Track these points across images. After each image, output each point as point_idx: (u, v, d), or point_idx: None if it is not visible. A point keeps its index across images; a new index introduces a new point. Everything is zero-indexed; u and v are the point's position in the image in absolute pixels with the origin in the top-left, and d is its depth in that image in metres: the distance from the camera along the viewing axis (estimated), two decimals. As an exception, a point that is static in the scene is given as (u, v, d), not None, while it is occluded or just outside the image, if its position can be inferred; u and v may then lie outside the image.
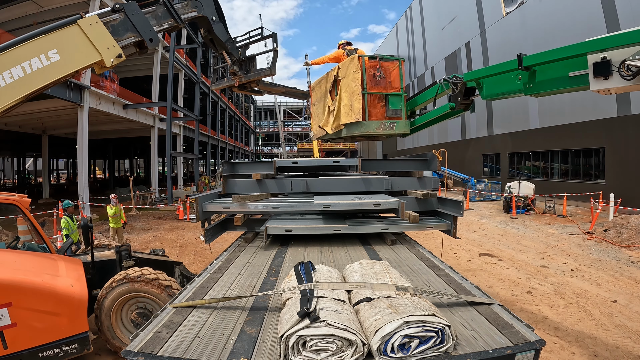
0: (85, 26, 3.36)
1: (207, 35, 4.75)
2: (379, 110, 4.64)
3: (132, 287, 4.16)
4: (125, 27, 3.67)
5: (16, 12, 15.81)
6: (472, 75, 3.87)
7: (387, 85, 4.66)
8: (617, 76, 2.52)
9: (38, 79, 3.19)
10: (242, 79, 5.24)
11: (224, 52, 5.04)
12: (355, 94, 4.50)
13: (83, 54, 3.38)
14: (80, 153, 16.03)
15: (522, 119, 20.89)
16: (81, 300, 3.66)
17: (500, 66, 3.53)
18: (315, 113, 5.59)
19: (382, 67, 4.61)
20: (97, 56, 3.43)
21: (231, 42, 4.91)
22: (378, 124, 4.59)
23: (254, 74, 5.24)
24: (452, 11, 28.61)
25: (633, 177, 14.24)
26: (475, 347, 1.72)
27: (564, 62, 2.94)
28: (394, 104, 4.65)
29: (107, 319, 4.19)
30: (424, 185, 4.47)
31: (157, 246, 10.25)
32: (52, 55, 3.22)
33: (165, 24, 4.01)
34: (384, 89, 4.63)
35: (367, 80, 4.53)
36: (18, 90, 3.11)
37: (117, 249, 4.97)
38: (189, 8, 4.27)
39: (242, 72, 5.22)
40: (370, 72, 4.56)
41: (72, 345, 3.60)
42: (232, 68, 5.19)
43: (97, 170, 54.05)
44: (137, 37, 3.73)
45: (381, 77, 4.60)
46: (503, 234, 11.39)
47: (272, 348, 1.77)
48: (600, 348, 4.46)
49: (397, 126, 4.67)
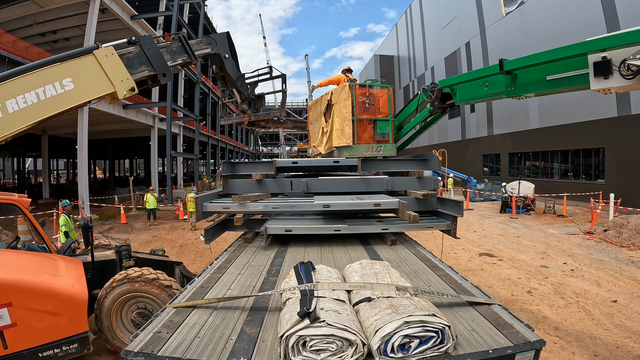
0: (101, 57, 3.39)
1: (219, 72, 4.80)
2: (367, 134, 4.97)
3: (132, 287, 4.16)
4: (140, 61, 3.70)
5: (16, 12, 15.82)
6: (445, 82, 4.27)
7: (375, 111, 4.98)
8: (617, 75, 2.55)
9: (51, 106, 3.19)
10: (252, 118, 5.31)
11: (234, 89, 5.10)
12: (346, 120, 4.83)
13: (97, 84, 3.41)
14: (80, 153, 16.03)
15: (522, 119, 20.89)
16: (81, 300, 3.66)
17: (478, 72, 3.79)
18: (312, 131, 5.98)
19: (372, 94, 4.95)
20: (111, 88, 3.46)
21: (242, 79, 4.97)
22: (366, 147, 4.92)
23: (263, 114, 5.32)
24: (452, 11, 28.61)
25: (633, 177, 14.24)
26: (475, 347, 1.72)
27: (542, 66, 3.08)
28: (381, 129, 4.96)
29: (107, 319, 4.19)
30: (423, 185, 4.47)
31: (157, 246, 10.25)
32: (67, 83, 3.24)
33: (179, 59, 4.04)
34: (372, 115, 4.95)
35: (357, 106, 4.84)
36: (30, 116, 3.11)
37: (117, 249, 4.97)
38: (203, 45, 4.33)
39: (251, 110, 5.28)
40: (360, 99, 4.87)
41: (72, 345, 3.61)
42: (242, 107, 5.24)
43: (97, 170, 54.04)
44: (151, 71, 3.76)
45: (370, 104, 4.92)
46: (503, 234, 11.39)
47: (272, 348, 1.77)
48: (600, 348, 4.46)
49: (384, 149, 5.01)
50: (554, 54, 2.97)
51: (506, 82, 3.38)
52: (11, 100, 3.02)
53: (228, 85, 5.07)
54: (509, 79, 3.35)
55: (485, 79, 3.62)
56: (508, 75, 3.33)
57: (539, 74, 3.12)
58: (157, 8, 22.41)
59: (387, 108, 5.01)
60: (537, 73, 3.15)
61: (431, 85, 4.44)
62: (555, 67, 2.99)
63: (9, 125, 3.03)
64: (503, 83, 3.42)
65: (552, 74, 3.00)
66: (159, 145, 22.85)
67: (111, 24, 18.65)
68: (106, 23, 18.10)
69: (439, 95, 4.37)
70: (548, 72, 3.04)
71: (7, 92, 3.02)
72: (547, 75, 3.03)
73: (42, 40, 19.56)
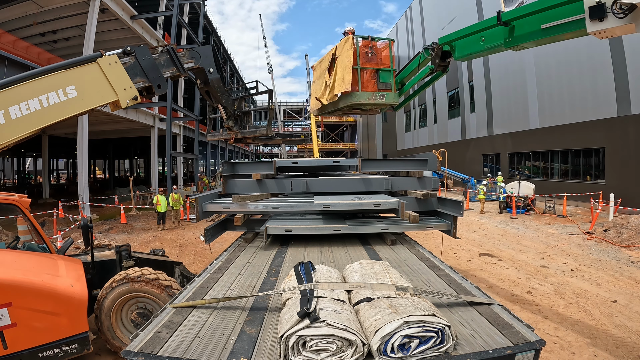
0: (105, 65, 3.39)
1: (203, 87, 4.70)
2: (370, 83, 5.27)
3: (132, 287, 4.16)
4: (135, 72, 3.67)
5: (16, 12, 15.81)
6: (445, 38, 4.52)
7: (378, 62, 5.31)
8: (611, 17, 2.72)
9: (54, 113, 3.18)
10: (238, 135, 5.26)
11: (219, 105, 5.00)
12: (347, 68, 5.08)
13: (100, 92, 3.40)
14: (80, 153, 16.03)
15: (522, 119, 20.89)
16: (81, 300, 3.66)
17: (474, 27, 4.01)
18: (314, 90, 6.11)
19: (374, 47, 5.28)
20: (114, 96, 3.45)
21: (227, 95, 4.91)
22: (370, 95, 5.18)
23: (249, 132, 5.27)
24: (452, 11, 28.61)
25: (633, 177, 14.24)
26: (475, 347, 1.72)
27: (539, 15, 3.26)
28: (384, 78, 5.29)
29: (107, 319, 4.18)
30: (424, 185, 4.47)
31: (157, 246, 10.25)
32: (70, 91, 3.24)
33: (167, 73, 3.98)
34: (375, 65, 5.27)
35: (361, 57, 5.15)
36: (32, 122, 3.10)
37: (117, 249, 4.96)
38: (187, 59, 4.25)
39: (237, 127, 5.22)
40: (363, 50, 5.18)
41: (72, 345, 3.60)
42: (227, 123, 5.15)
43: (97, 170, 54.03)
44: (146, 82, 3.73)
45: (372, 55, 5.25)
46: (503, 234, 11.39)
47: (272, 348, 1.77)
48: (600, 348, 4.46)
49: (387, 97, 5.29)
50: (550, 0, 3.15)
51: (504, 34, 3.56)
52: (14, 107, 3.01)
53: (213, 101, 4.98)
54: (507, 30, 3.54)
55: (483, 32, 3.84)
56: (506, 27, 3.52)
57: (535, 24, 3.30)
58: (157, 8, 22.40)
59: (389, 60, 5.33)
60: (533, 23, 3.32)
61: (432, 44, 4.75)
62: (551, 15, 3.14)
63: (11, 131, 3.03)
64: (501, 35, 3.60)
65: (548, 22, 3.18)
66: (159, 145, 22.83)
67: (111, 24, 18.64)
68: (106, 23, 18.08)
69: (439, 53, 4.64)
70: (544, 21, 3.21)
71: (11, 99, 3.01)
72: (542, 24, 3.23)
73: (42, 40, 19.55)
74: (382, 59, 5.32)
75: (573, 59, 17.01)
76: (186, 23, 24.74)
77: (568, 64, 17.31)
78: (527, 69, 20.30)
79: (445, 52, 4.60)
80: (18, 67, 11.70)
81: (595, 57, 15.77)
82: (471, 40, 4.07)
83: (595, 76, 15.91)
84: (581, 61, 16.57)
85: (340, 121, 64.44)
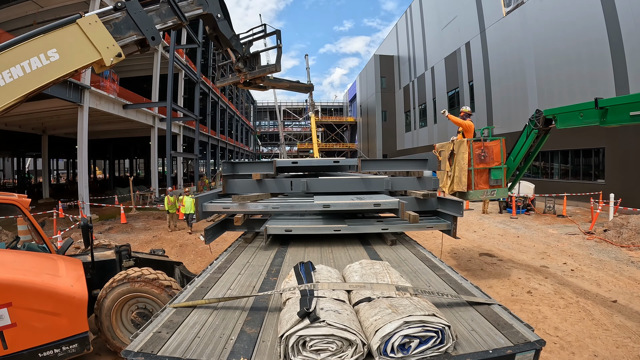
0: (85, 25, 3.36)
1: (212, 33, 4.77)
2: (483, 180, 6.14)
3: (132, 287, 4.15)
4: (128, 26, 3.66)
5: (16, 12, 15.81)
6: (550, 111, 5.60)
7: (489, 161, 6.16)
8: None
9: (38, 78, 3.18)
10: (247, 76, 5.31)
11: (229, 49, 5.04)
12: (463, 170, 6.11)
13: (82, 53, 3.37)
14: (80, 153, 16.02)
15: (522, 119, 20.86)
16: (81, 300, 3.66)
17: (575, 106, 4.97)
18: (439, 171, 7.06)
19: (486, 147, 6.16)
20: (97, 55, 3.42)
21: (236, 39, 4.94)
22: (482, 192, 6.09)
23: (259, 71, 5.30)
24: (452, 11, 28.61)
25: (633, 177, 14.23)
26: (475, 347, 1.72)
27: (626, 106, 4.25)
28: (495, 175, 6.13)
29: (107, 319, 4.18)
30: (424, 185, 4.47)
31: (157, 246, 10.25)
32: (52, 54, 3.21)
33: (169, 22, 3.99)
34: (487, 164, 6.15)
35: (474, 158, 6.09)
36: (18, 89, 3.10)
37: (117, 249, 4.96)
38: (195, 5, 4.27)
39: (246, 69, 5.26)
40: (477, 151, 6.11)
41: (72, 345, 3.60)
42: (237, 65, 5.21)
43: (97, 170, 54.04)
44: (139, 35, 3.73)
45: (484, 156, 6.14)
46: (503, 234, 11.39)
47: (272, 348, 1.77)
48: (600, 348, 4.46)
49: (497, 193, 6.18)
50: (636, 97, 4.20)
51: (600, 115, 4.47)
52: None
53: (222, 46, 5.02)
54: (602, 113, 4.46)
55: (583, 110, 4.79)
56: (601, 110, 4.44)
57: (625, 112, 4.25)
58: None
59: (500, 157, 6.14)
60: (623, 110, 4.28)
61: (536, 114, 5.78)
62: (637, 106, 4.11)
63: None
64: (597, 116, 4.50)
65: (636, 111, 4.16)
66: (159, 145, 22.83)
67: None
68: (106, 23, 18.08)
69: (543, 121, 5.66)
70: (632, 109, 4.17)
71: None
72: (630, 112, 4.19)
73: (42, 40, 19.54)
74: (494, 157, 6.12)
75: (573, 60, 17.01)
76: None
77: (568, 64, 17.30)
78: (527, 69, 20.31)
79: (547, 120, 5.59)
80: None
81: (596, 57, 15.77)
82: (572, 115, 5.00)
83: (595, 76, 15.90)
84: (581, 61, 16.57)
85: (340, 121, 64.83)
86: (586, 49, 16.20)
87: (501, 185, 6.12)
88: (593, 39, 15.78)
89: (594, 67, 15.94)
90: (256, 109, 72.80)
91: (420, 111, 36.34)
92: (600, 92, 15.52)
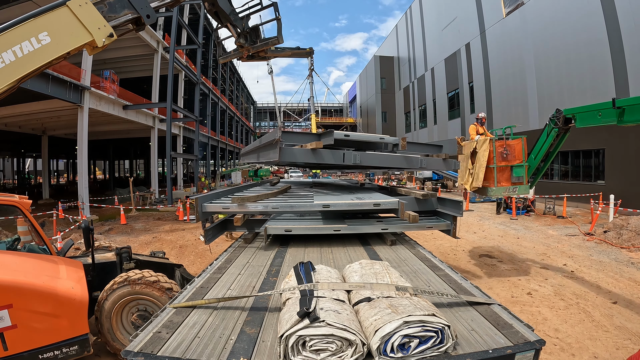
0: (75, 7, 3.32)
1: (212, 9, 4.80)
2: (505, 178, 6.32)
3: (132, 289, 4.15)
4: (122, 5, 3.64)
5: (16, 12, 15.82)
6: (569, 110, 5.69)
7: (512, 158, 6.33)
8: None
9: (30, 62, 3.16)
10: (250, 50, 5.37)
11: (229, 24, 5.06)
12: (482, 167, 6.32)
13: (74, 35, 3.34)
14: (80, 154, 16.04)
15: (522, 120, 20.90)
16: (82, 302, 3.65)
17: (594, 106, 5.07)
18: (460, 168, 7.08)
19: (508, 145, 6.36)
20: (88, 37, 3.39)
21: (235, 14, 4.97)
22: (504, 189, 6.29)
23: (261, 44, 5.37)
24: (452, 12, 28.66)
25: (633, 177, 14.24)
26: (475, 347, 1.72)
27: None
28: (517, 173, 6.29)
29: (107, 321, 4.18)
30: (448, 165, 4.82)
31: (157, 247, 10.25)
32: (43, 37, 3.19)
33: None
34: (509, 162, 6.34)
35: (497, 156, 6.29)
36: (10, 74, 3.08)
37: (118, 251, 4.96)
38: None
39: (248, 43, 5.31)
40: (499, 149, 6.33)
41: (72, 347, 3.59)
42: (239, 41, 5.27)
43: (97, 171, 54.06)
44: (134, 13, 3.72)
45: (506, 154, 6.33)
46: (503, 235, 11.39)
47: (272, 348, 1.77)
48: (600, 350, 4.45)
49: (519, 190, 6.32)
50: None
51: (617, 115, 4.59)
52: None
53: (222, 21, 5.04)
54: (619, 112, 4.58)
55: (601, 110, 4.88)
56: (618, 109, 4.54)
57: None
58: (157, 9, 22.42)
59: (522, 155, 6.32)
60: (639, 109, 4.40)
61: (556, 113, 5.91)
62: None
63: None
64: (614, 115, 4.62)
65: None
66: (159, 145, 22.86)
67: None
68: (106, 24, 18.11)
69: (562, 120, 5.81)
70: None
71: None
72: None
73: (43, 41, 19.57)
74: (516, 155, 6.30)
75: (573, 60, 17.03)
76: (186, 24, 24.77)
77: (568, 64, 17.33)
78: (527, 69, 20.33)
79: (567, 119, 5.72)
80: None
81: (596, 58, 15.79)
82: (591, 114, 5.11)
83: (595, 77, 15.92)
84: (581, 62, 16.59)
85: (340, 122, 65.12)
86: (586, 49, 16.22)
87: (523, 182, 6.28)
88: (593, 39, 15.80)
89: (594, 67, 15.96)
90: (256, 110, 72.89)
91: (420, 112, 36.37)
92: (600, 92, 15.55)
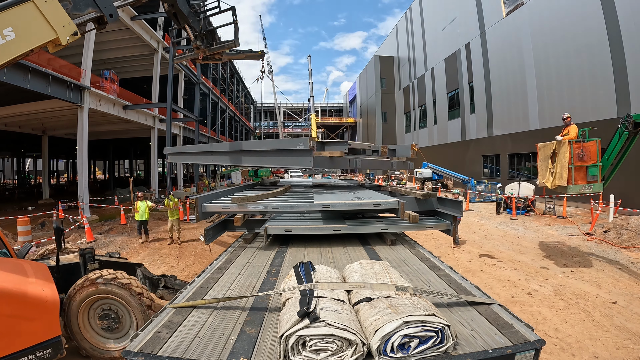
0: (40, 3, 3.29)
1: (170, 10, 4.91)
2: (581, 177, 7.02)
3: (96, 289, 4.13)
4: (86, 3, 3.64)
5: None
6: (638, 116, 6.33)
7: (587, 159, 7.03)
8: None
9: None
10: (206, 52, 5.49)
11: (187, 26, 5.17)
12: (564, 167, 7.08)
13: (38, 32, 3.31)
14: (80, 154, 16.03)
15: (522, 120, 20.91)
16: (54, 304, 3.53)
17: None
18: (540, 167, 7.98)
19: (584, 147, 7.07)
20: (53, 34, 3.37)
21: (193, 15, 5.08)
22: (580, 187, 7.02)
23: (217, 47, 5.49)
24: (452, 12, 28.65)
25: (633, 178, 14.23)
26: (475, 347, 1.72)
27: None
28: (592, 172, 7.00)
29: (75, 323, 4.14)
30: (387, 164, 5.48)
31: (157, 247, 10.25)
32: (8, 33, 3.15)
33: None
34: (585, 163, 7.03)
35: (574, 157, 7.01)
36: None
37: (82, 252, 4.92)
38: None
39: (204, 45, 5.42)
40: (576, 151, 7.02)
41: (45, 350, 3.47)
42: (195, 43, 5.37)
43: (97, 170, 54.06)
44: (98, 12, 3.73)
45: (582, 155, 7.03)
46: (503, 235, 11.38)
47: (272, 348, 1.77)
48: (600, 349, 4.45)
49: (593, 187, 7.07)
50: None
51: None
52: None
53: (180, 23, 5.15)
54: None
55: None
56: None
57: None
58: (157, 9, 22.42)
59: (596, 155, 7.02)
60: None
61: (627, 118, 6.55)
62: None
63: None
64: None
65: None
66: (159, 145, 22.84)
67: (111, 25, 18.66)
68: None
69: (632, 123, 6.43)
70: None
71: None
72: None
73: (43, 41, 19.55)
74: (591, 156, 6.99)
75: (573, 60, 17.03)
76: (186, 24, 24.72)
77: (568, 64, 17.33)
78: (527, 69, 20.33)
79: (636, 123, 6.29)
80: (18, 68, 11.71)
81: (596, 58, 15.79)
82: None
83: (595, 77, 15.92)
84: (581, 62, 16.59)
85: (340, 122, 65.16)
86: (586, 49, 16.22)
87: (597, 180, 6.93)
88: (593, 40, 15.80)
89: (594, 68, 15.96)
90: (256, 110, 72.84)
91: (420, 112, 36.35)
92: (600, 92, 15.56)
